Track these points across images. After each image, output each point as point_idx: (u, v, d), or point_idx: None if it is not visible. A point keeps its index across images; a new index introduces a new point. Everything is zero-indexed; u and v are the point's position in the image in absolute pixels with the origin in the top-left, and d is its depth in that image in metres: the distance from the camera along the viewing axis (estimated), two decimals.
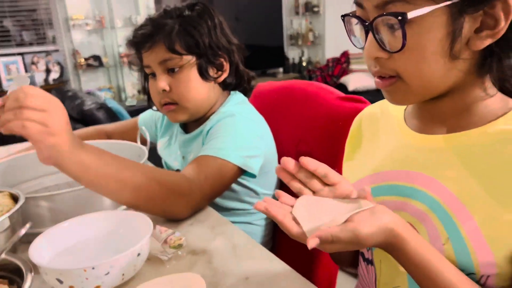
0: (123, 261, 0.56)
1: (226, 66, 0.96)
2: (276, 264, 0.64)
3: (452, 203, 0.53)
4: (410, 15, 0.47)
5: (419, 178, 0.57)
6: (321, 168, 0.51)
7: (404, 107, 0.67)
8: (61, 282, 0.54)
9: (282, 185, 1.02)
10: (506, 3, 0.46)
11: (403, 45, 0.49)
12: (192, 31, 0.90)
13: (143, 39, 0.91)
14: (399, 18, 0.48)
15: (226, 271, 0.62)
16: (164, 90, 0.91)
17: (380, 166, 0.64)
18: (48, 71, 4.00)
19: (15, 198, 0.66)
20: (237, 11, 4.63)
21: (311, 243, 0.45)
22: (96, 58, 4.04)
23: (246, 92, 1.05)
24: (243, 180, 0.94)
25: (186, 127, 1.05)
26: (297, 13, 4.71)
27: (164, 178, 0.74)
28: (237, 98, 1.01)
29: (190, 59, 0.91)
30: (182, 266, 0.64)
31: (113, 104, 2.82)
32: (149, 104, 1.06)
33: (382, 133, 0.68)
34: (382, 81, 0.54)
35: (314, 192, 0.52)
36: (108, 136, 1.20)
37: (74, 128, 0.66)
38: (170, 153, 1.05)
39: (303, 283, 0.59)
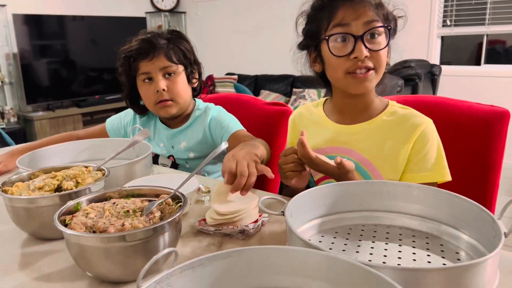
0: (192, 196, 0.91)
1: (197, 76, 1.36)
2: None
3: (366, 163, 0.99)
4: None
5: (344, 150, 1.00)
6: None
7: (320, 108, 1.10)
8: None
9: None
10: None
11: (387, 45, 0.91)
12: (181, 48, 1.28)
13: (147, 50, 1.24)
14: (389, 28, 0.90)
15: None
16: (164, 89, 1.25)
17: (317, 145, 1.03)
18: None
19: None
20: (94, 36, 4.82)
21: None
22: None
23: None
24: None
25: (168, 125, 1.38)
26: None
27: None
28: (200, 101, 1.41)
29: (180, 67, 1.28)
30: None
31: None
32: (127, 105, 1.39)
33: (311, 125, 1.09)
34: (364, 74, 0.91)
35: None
36: (80, 140, 1.42)
37: None
38: (154, 146, 1.36)
39: None
